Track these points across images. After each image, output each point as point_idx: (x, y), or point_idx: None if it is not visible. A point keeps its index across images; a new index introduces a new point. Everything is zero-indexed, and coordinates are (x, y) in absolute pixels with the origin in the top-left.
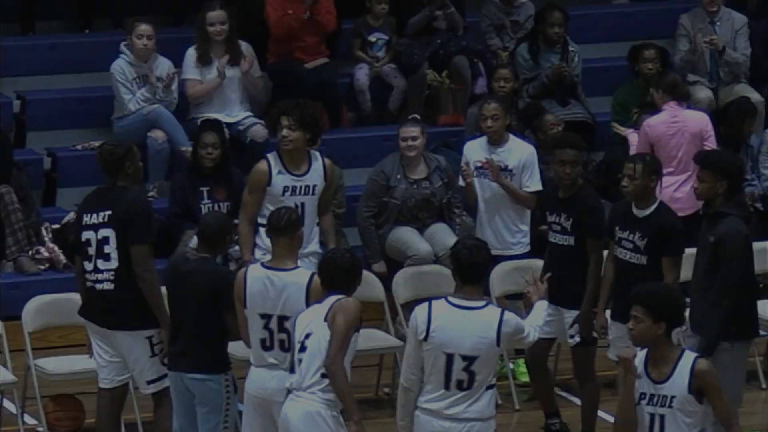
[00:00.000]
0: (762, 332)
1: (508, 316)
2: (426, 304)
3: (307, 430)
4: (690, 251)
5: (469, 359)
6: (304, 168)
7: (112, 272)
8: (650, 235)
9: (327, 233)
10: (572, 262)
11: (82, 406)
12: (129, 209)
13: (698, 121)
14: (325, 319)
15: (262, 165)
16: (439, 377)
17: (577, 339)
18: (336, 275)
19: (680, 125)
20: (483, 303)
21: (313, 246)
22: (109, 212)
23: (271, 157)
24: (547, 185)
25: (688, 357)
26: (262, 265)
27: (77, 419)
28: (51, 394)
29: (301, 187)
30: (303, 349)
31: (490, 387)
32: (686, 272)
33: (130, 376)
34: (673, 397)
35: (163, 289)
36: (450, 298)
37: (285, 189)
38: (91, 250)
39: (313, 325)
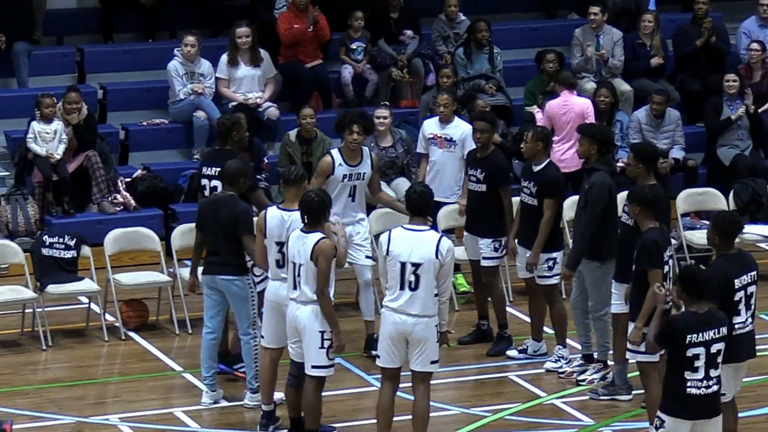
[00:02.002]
0: None
1: (445, 239)
2: (388, 230)
3: (311, 322)
4: (574, 198)
5: (416, 265)
6: (358, 160)
7: None
8: (539, 184)
9: (391, 202)
10: (484, 203)
11: (147, 308)
12: (233, 171)
13: (581, 104)
14: (311, 258)
15: (328, 158)
16: (396, 280)
17: (491, 262)
18: (309, 211)
19: (569, 107)
20: (427, 228)
21: (361, 214)
22: (218, 169)
23: (335, 152)
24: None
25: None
26: (277, 206)
27: (143, 317)
28: (124, 299)
29: (354, 174)
30: (299, 274)
31: (436, 295)
32: (572, 213)
33: None
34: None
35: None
36: (404, 225)
37: (344, 176)
38: (206, 192)
39: (302, 259)
